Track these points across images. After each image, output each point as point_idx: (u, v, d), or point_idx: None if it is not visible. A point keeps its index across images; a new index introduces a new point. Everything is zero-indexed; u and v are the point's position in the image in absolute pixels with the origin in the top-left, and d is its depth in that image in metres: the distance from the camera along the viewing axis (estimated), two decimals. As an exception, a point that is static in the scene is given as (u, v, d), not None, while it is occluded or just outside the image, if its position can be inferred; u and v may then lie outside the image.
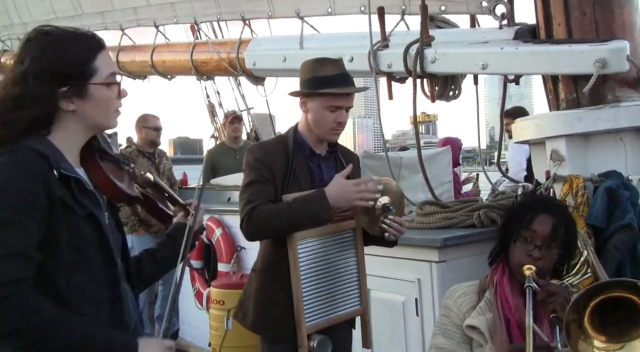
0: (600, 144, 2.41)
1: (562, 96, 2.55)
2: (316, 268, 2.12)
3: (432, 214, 2.80)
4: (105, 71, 1.37)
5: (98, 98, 1.36)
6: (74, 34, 1.38)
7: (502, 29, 2.67)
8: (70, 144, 1.36)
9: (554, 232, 1.83)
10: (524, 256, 1.83)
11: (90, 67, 1.34)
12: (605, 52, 2.25)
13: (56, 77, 1.31)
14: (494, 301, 1.86)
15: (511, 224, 1.92)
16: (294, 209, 2.00)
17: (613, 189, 2.28)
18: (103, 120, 1.40)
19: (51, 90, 1.30)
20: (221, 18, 4.34)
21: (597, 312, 1.51)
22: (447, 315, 1.96)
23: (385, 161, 3.09)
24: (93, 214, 1.32)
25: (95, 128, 1.41)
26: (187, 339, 4.49)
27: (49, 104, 1.31)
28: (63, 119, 1.34)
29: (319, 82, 2.10)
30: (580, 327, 1.51)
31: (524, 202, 2.02)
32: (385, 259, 2.66)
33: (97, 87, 1.35)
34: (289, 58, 3.46)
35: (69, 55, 1.33)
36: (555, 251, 1.85)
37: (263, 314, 2.14)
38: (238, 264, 3.90)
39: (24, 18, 5.58)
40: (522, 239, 1.86)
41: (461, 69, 2.76)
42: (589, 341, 1.51)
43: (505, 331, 1.78)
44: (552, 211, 1.88)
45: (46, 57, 1.31)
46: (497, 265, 1.95)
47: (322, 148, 2.23)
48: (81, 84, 1.33)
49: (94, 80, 1.35)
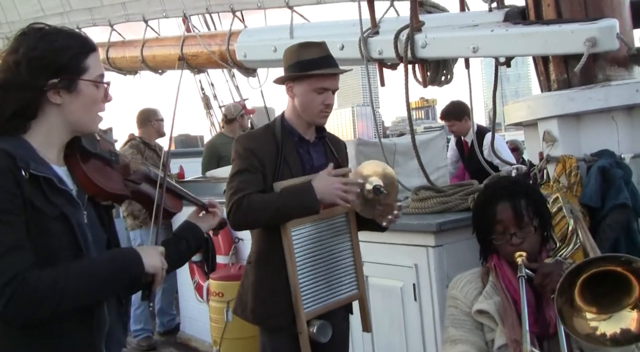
0: (592, 123, 2.42)
1: (553, 77, 2.55)
2: (312, 254, 2.13)
3: (427, 199, 2.80)
4: (96, 72, 1.39)
5: (86, 95, 1.37)
6: (70, 32, 1.41)
7: (492, 12, 2.67)
8: (50, 140, 1.36)
9: (516, 212, 1.86)
10: (508, 247, 1.86)
11: (83, 63, 1.37)
12: (595, 31, 2.25)
13: (49, 67, 1.32)
14: (499, 284, 1.88)
15: (481, 228, 1.96)
16: (283, 201, 2.01)
17: (606, 168, 2.29)
18: (86, 120, 1.40)
19: (42, 79, 1.31)
20: (210, 10, 4.32)
21: (589, 287, 1.53)
22: (455, 305, 1.96)
23: (379, 148, 3.09)
24: (64, 214, 1.31)
25: (76, 127, 1.40)
26: (188, 332, 4.51)
27: (38, 93, 1.32)
28: (47, 113, 1.35)
29: (304, 65, 2.11)
30: (572, 305, 1.53)
31: (480, 202, 2.03)
32: (382, 245, 2.67)
33: (87, 84, 1.37)
34: (280, 48, 3.44)
35: (64, 47, 1.35)
36: (530, 227, 1.87)
37: (263, 305, 2.14)
38: (236, 256, 3.91)
39: (11, 17, 5.53)
40: (498, 234, 1.89)
41: (452, 53, 2.76)
42: (581, 315, 1.53)
43: (515, 312, 1.80)
44: (504, 194, 1.91)
45: (41, 47, 1.32)
46: (491, 254, 1.97)
47: (311, 134, 2.23)
48: (73, 78, 1.34)
49: (85, 77, 1.36)
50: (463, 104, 4.69)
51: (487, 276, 1.95)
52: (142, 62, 4.62)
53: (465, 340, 1.88)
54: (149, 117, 4.65)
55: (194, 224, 1.71)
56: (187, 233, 1.69)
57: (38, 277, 1.22)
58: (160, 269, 1.42)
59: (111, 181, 1.47)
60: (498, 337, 1.83)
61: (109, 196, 1.46)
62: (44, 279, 1.22)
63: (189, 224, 1.72)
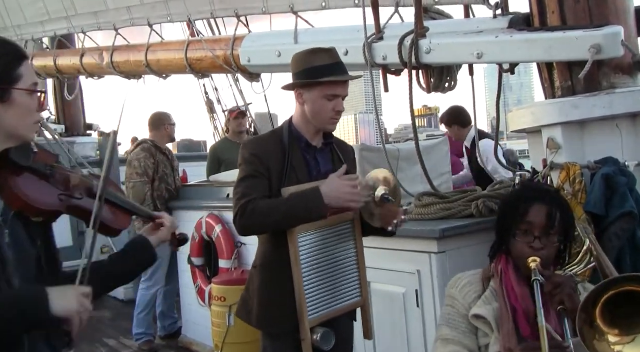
0: (597, 131, 2.42)
1: (558, 84, 2.55)
2: (317, 261, 2.12)
3: (430, 205, 2.80)
4: (29, 80, 1.36)
5: (20, 104, 1.33)
6: (1, 40, 1.37)
7: (497, 19, 2.67)
8: None
9: (550, 220, 1.83)
10: (526, 248, 1.82)
11: (15, 73, 1.33)
12: (600, 38, 2.25)
13: None
14: (500, 291, 1.85)
15: (507, 219, 1.92)
16: (290, 206, 2.00)
17: (610, 176, 2.29)
18: (21, 130, 1.36)
19: None
20: (215, 15, 4.34)
21: (609, 307, 1.51)
22: (453, 305, 1.94)
23: (383, 153, 3.09)
24: None
25: (11, 137, 1.36)
26: (190, 336, 4.50)
27: None
28: None
29: (315, 72, 2.10)
30: (592, 326, 1.50)
31: (516, 195, 2.00)
32: (385, 251, 2.66)
33: (20, 93, 1.33)
34: (284, 53, 3.46)
35: None
36: (555, 238, 1.85)
37: (267, 310, 2.14)
38: (239, 260, 3.91)
39: (17, 21, 5.57)
40: (521, 233, 1.85)
41: (456, 59, 2.76)
42: (603, 337, 1.50)
43: (511, 321, 1.78)
44: (544, 199, 1.88)
45: None
46: (500, 255, 1.94)
47: (318, 140, 2.23)
48: (6, 88, 1.31)
49: (19, 86, 1.33)
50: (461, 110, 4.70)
51: (488, 280, 1.94)
52: (146, 67, 4.63)
53: (457, 342, 1.87)
54: (162, 122, 4.65)
55: (143, 238, 1.63)
56: (135, 247, 1.61)
57: None
58: (75, 312, 1.28)
59: (41, 196, 1.39)
60: (493, 344, 1.82)
61: (37, 211, 1.39)
62: None
63: (139, 238, 1.63)
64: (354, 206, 2.04)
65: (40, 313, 1.24)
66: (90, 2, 4.90)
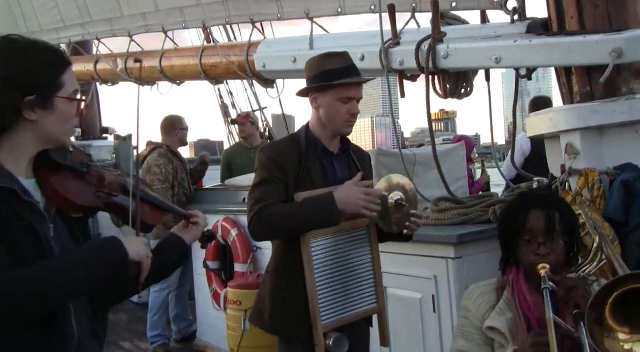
0: (616, 136, 2.40)
1: (576, 89, 2.54)
2: (331, 266, 2.12)
3: (447, 210, 2.79)
4: (71, 87, 1.38)
5: (61, 112, 1.35)
6: (44, 46, 1.38)
7: (514, 24, 2.67)
8: (19, 153, 1.34)
9: (549, 224, 1.81)
10: (533, 256, 1.82)
11: (59, 80, 1.35)
12: (621, 42, 2.23)
13: (26, 85, 1.30)
14: (513, 301, 1.84)
15: (508, 230, 1.91)
16: (304, 212, 2.01)
17: (630, 182, 2.27)
18: (60, 135, 1.39)
19: (19, 97, 1.29)
20: (230, 21, 4.36)
21: (619, 305, 1.50)
22: (467, 317, 1.94)
23: (399, 158, 3.09)
24: (32, 225, 1.29)
25: (50, 142, 1.39)
26: (205, 340, 4.52)
27: (14, 112, 1.30)
28: (19, 128, 1.32)
29: (328, 75, 2.11)
30: (601, 324, 1.50)
31: (512, 206, 2.00)
32: (401, 256, 2.66)
33: (62, 100, 1.35)
34: (300, 59, 3.47)
35: (38, 65, 1.33)
36: (560, 241, 1.83)
37: (279, 314, 2.15)
38: (254, 265, 3.92)
39: (31, 27, 5.62)
40: (525, 242, 1.84)
41: (474, 64, 2.75)
42: (613, 335, 1.50)
43: (526, 331, 1.76)
44: (539, 204, 1.87)
45: (15, 65, 1.31)
46: (511, 266, 1.94)
47: (335, 145, 2.23)
48: (48, 96, 1.33)
49: (61, 94, 1.35)
50: None
51: (502, 290, 1.93)
52: (160, 73, 4.66)
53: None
54: (174, 126, 4.67)
55: (178, 236, 1.65)
56: (169, 246, 1.63)
57: (19, 277, 1.20)
58: (145, 257, 1.38)
59: (80, 193, 1.43)
60: None
61: (77, 208, 1.43)
62: (30, 275, 1.21)
63: (173, 236, 1.65)
64: (368, 213, 2.03)
65: (120, 256, 1.33)
66: (105, 9, 4.93)
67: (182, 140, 4.72)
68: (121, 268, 1.35)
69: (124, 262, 1.34)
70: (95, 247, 1.35)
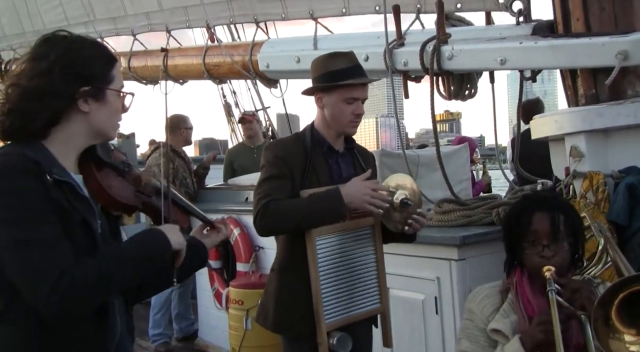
0: (621, 139, 2.39)
1: (581, 92, 2.53)
2: (335, 265, 2.12)
3: (450, 212, 2.79)
4: (119, 82, 1.42)
5: (111, 104, 1.39)
6: (95, 41, 1.44)
7: (520, 26, 2.66)
8: (69, 147, 1.37)
9: (553, 225, 1.80)
10: (537, 259, 1.81)
11: (110, 74, 1.40)
12: (627, 44, 2.23)
13: (81, 75, 1.33)
14: (517, 303, 1.84)
15: (512, 233, 1.91)
16: (310, 206, 2.01)
17: (634, 186, 2.26)
18: (108, 129, 1.41)
19: (74, 87, 1.32)
20: (234, 21, 4.36)
21: (625, 307, 1.50)
22: (471, 319, 1.93)
23: (403, 159, 3.09)
24: (86, 220, 1.32)
25: (98, 135, 1.41)
26: (207, 339, 4.52)
27: (68, 101, 1.33)
28: (70, 120, 1.35)
29: (334, 75, 2.11)
30: (607, 324, 1.50)
31: (516, 208, 1.99)
32: (404, 257, 2.66)
33: (113, 94, 1.39)
34: (303, 59, 3.47)
35: (93, 56, 1.37)
36: (564, 243, 1.82)
37: (284, 313, 2.14)
38: (257, 264, 3.92)
39: (35, 26, 5.62)
40: (529, 244, 1.83)
41: (479, 65, 2.75)
42: (618, 336, 1.49)
43: None
44: (544, 206, 1.85)
45: (73, 55, 1.34)
46: (514, 268, 1.93)
47: (340, 144, 2.24)
48: (102, 87, 1.37)
49: (112, 87, 1.39)
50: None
51: (506, 292, 1.92)
52: (164, 72, 4.66)
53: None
54: (178, 125, 4.66)
55: (199, 241, 1.64)
56: (191, 249, 1.59)
57: (84, 269, 1.23)
58: (184, 244, 1.43)
59: (123, 191, 1.45)
60: None
61: (121, 206, 1.45)
62: (89, 269, 1.24)
63: (194, 240, 1.64)
64: (374, 209, 2.03)
65: (165, 247, 1.38)
66: (109, 8, 4.94)
67: (186, 139, 4.73)
68: (166, 259, 1.39)
69: (168, 254, 1.39)
70: (144, 240, 1.38)
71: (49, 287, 1.18)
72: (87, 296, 1.24)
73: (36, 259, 1.20)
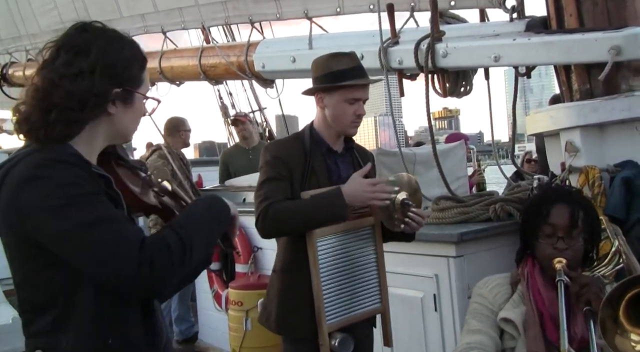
0: (616, 134, 2.40)
1: (576, 87, 2.54)
2: (336, 265, 2.12)
3: (448, 209, 2.79)
4: (147, 87, 1.37)
5: (137, 108, 1.34)
6: (132, 41, 1.36)
7: (513, 22, 2.67)
8: (93, 148, 1.32)
9: (572, 220, 1.82)
10: (551, 250, 1.82)
11: (141, 76, 1.34)
12: (620, 39, 2.24)
13: (120, 77, 1.28)
14: (527, 294, 1.85)
15: (530, 221, 1.91)
16: (311, 206, 2.01)
17: (630, 179, 2.27)
18: (130, 131, 1.38)
19: (110, 88, 1.26)
20: (229, 21, 4.36)
21: (633, 306, 1.50)
22: (481, 302, 1.93)
23: (400, 157, 3.09)
24: (129, 214, 1.32)
25: (119, 137, 1.37)
26: (207, 341, 4.51)
27: (103, 102, 1.27)
28: (98, 121, 1.29)
29: (335, 76, 2.11)
30: (615, 322, 1.50)
31: (538, 197, 2.00)
32: (402, 255, 2.66)
33: (140, 97, 1.34)
34: (299, 59, 3.47)
35: (131, 57, 1.31)
36: (579, 238, 1.84)
37: (286, 315, 2.14)
38: (255, 265, 3.92)
39: (31, 29, 5.62)
40: (544, 234, 1.84)
41: (473, 62, 2.75)
42: (625, 334, 1.50)
43: (538, 325, 1.78)
44: (566, 199, 1.87)
45: (115, 56, 1.27)
46: (526, 259, 1.93)
47: (339, 145, 2.23)
48: (132, 90, 1.31)
49: (141, 90, 1.34)
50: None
51: (516, 284, 1.94)
52: (159, 73, 4.66)
53: (485, 332, 1.87)
54: (177, 127, 4.67)
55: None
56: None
57: (162, 237, 1.21)
58: (237, 210, 1.44)
59: (144, 192, 1.43)
60: (520, 347, 1.81)
61: (142, 206, 1.42)
62: (168, 237, 1.21)
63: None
64: (376, 203, 2.02)
65: (227, 210, 1.40)
66: (104, 11, 4.93)
67: (184, 141, 4.74)
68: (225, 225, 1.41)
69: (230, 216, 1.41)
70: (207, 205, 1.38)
71: (135, 260, 1.13)
72: (176, 264, 1.19)
73: (110, 236, 1.15)
